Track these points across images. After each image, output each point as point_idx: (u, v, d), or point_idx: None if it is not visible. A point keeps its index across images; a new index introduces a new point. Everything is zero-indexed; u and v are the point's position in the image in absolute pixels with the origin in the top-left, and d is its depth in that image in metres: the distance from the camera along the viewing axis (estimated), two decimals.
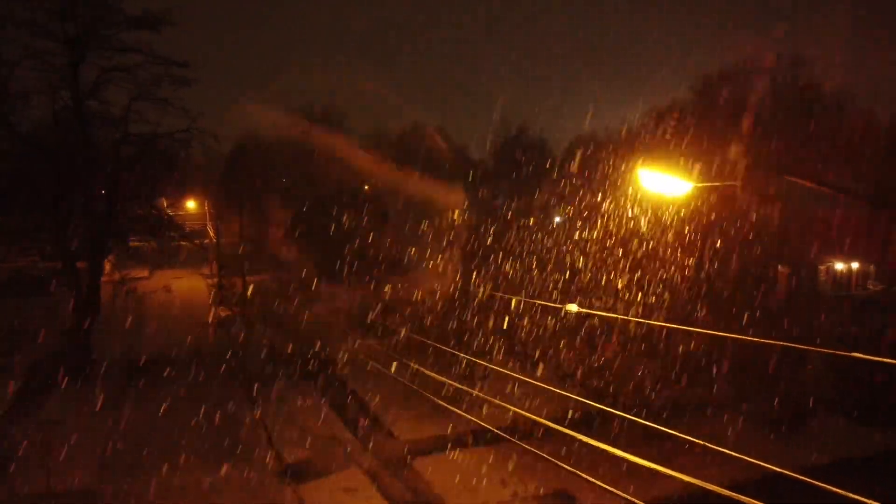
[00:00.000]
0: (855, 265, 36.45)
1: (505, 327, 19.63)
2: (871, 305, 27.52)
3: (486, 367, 18.26)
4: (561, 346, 17.79)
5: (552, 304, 14.98)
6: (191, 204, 59.84)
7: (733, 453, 8.61)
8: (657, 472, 15.11)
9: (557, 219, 28.87)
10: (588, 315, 16.07)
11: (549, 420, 18.42)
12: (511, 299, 19.12)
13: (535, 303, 17.47)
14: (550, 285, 18.51)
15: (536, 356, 19.52)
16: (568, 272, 17.90)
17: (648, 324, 15.35)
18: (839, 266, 36.37)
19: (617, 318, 14.74)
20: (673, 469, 16.56)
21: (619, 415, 15.66)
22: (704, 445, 16.90)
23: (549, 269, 18.86)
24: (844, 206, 23.11)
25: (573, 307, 9.64)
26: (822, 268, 34.04)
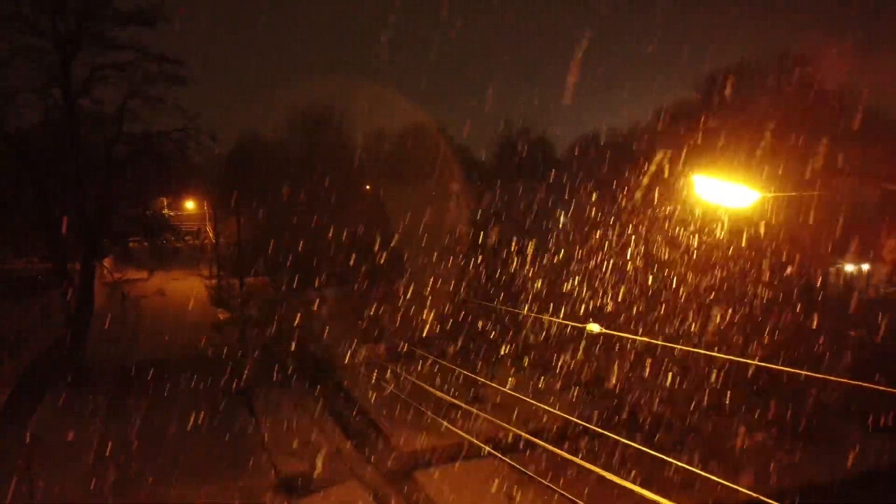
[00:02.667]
0: (865, 266, 35.53)
1: (511, 338, 18.90)
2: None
3: (491, 377, 17.50)
4: (577, 362, 17.02)
5: (572, 324, 14.14)
6: (190, 205, 59.38)
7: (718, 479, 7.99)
8: (670, 484, 14.46)
9: (562, 220, 28.06)
10: (608, 334, 15.24)
11: (556, 432, 17.75)
12: (520, 310, 18.37)
13: (552, 320, 16.67)
14: (564, 295, 17.66)
15: (548, 370, 18.76)
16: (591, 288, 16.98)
17: (674, 347, 14.55)
18: (849, 267, 35.47)
19: (640, 339, 13.94)
20: (686, 483, 15.98)
21: (630, 428, 14.93)
22: (730, 450, 16.28)
23: (563, 277, 18.02)
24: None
25: (594, 327, 8.88)
26: (832, 269, 33.12)
